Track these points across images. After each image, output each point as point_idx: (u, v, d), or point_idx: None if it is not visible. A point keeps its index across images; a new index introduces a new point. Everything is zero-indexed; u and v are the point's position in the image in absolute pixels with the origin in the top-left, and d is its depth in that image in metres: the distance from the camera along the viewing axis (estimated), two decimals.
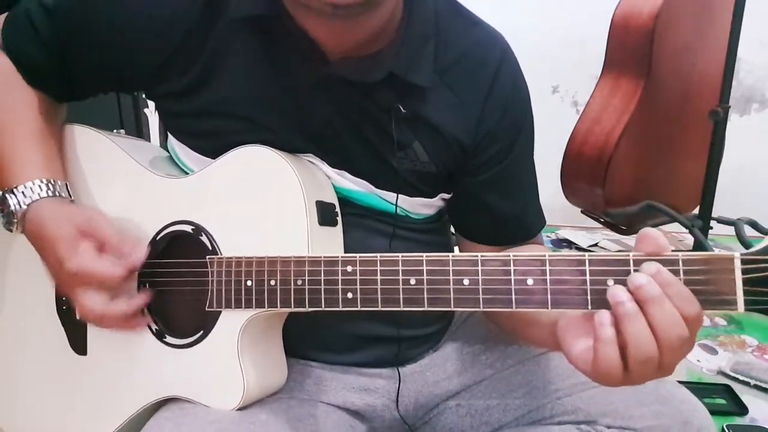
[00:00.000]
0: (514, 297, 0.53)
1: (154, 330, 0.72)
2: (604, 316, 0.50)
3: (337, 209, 0.71)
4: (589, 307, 0.52)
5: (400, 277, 0.57)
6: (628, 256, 0.50)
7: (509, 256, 0.53)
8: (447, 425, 0.80)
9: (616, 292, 0.49)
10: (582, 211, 2.02)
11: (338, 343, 0.78)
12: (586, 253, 0.52)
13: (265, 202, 0.67)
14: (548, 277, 0.52)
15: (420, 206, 0.76)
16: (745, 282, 0.48)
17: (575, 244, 2.33)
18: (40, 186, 0.69)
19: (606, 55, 1.89)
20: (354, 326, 0.76)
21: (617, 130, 1.78)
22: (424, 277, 0.56)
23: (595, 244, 2.28)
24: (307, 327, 0.72)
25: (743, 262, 0.48)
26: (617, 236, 2.20)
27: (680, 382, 1.26)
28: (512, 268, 0.53)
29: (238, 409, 0.67)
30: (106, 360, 0.75)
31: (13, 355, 0.82)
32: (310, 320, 0.66)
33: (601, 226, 2.03)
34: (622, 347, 0.50)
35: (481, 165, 0.74)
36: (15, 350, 0.82)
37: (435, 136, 0.71)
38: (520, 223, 0.79)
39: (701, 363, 1.52)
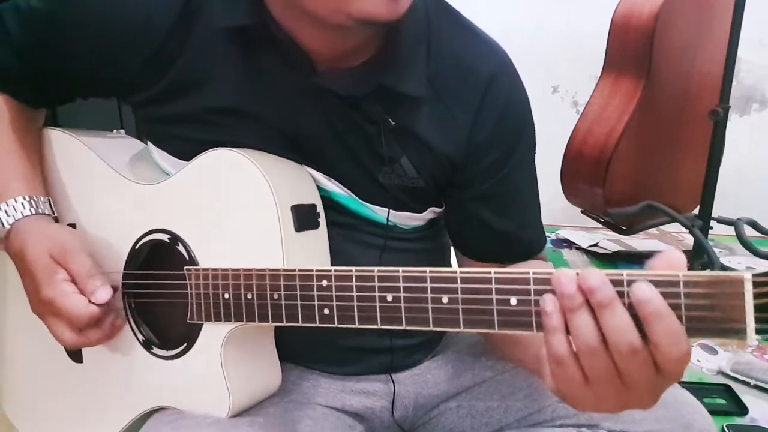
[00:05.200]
0: (496, 318, 0.49)
1: (141, 341, 0.71)
2: (548, 302, 0.46)
3: (319, 209, 0.68)
4: None
5: (377, 294, 0.54)
6: (622, 275, 0.45)
7: (490, 272, 0.49)
8: (447, 426, 0.80)
9: (560, 281, 0.45)
10: (582, 211, 2.02)
11: (332, 355, 0.77)
12: (576, 271, 0.46)
13: (238, 210, 0.64)
14: (533, 297, 0.47)
15: (408, 219, 0.74)
16: (756, 308, 0.41)
17: (575, 244, 2.33)
18: (23, 204, 0.69)
19: (606, 55, 1.89)
20: (347, 339, 0.75)
21: (617, 130, 1.78)
22: (401, 294, 0.53)
23: (595, 244, 2.28)
24: (300, 339, 0.71)
25: (755, 285, 0.41)
26: (617, 236, 2.20)
27: (680, 382, 1.26)
28: (494, 286, 0.49)
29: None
30: (100, 369, 0.74)
31: (24, 362, 0.83)
32: (302, 333, 0.63)
33: (601, 226, 2.03)
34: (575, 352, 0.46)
35: (474, 178, 0.71)
36: (25, 358, 0.82)
37: (423, 150, 0.69)
38: (518, 240, 0.75)
39: (701, 363, 1.52)
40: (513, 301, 0.48)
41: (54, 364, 0.78)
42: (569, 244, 2.35)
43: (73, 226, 0.75)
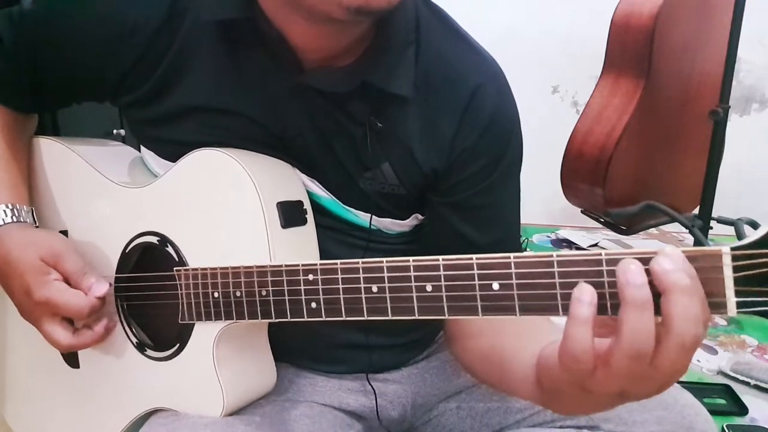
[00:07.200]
0: (479, 303, 0.49)
1: (134, 343, 0.71)
2: (585, 291, 0.42)
3: (306, 206, 0.68)
4: (560, 312, 0.47)
5: (362, 285, 0.54)
6: (600, 255, 0.44)
7: (472, 258, 0.50)
8: (447, 427, 0.80)
9: (630, 269, 0.41)
10: (582, 211, 2.02)
11: (321, 352, 0.77)
12: (554, 253, 0.47)
13: (224, 209, 0.64)
14: (514, 281, 0.48)
15: (392, 225, 0.73)
16: (736, 281, 0.41)
17: (575, 244, 2.33)
18: (4, 211, 0.69)
19: (606, 55, 1.89)
20: (334, 336, 0.75)
21: (617, 130, 1.78)
22: (386, 284, 0.53)
23: (595, 244, 2.29)
24: (290, 337, 0.71)
25: (734, 258, 0.41)
26: (617, 236, 2.20)
27: (680, 382, 1.26)
28: (476, 272, 0.49)
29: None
30: (97, 373, 0.75)
31: (23, 368, 0.83)
32: (291, 330, 0.63)
33: (601, 226, 2.03)
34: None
35: (457, 186, 0.70)
36: (24, 364, 0.82)
37: (406, 156, 0.68)
38: None
39: (701, 363, 1.52)
40: (495, 285, 0.49)
41: (52, 370, 0.78)
42: (569, 244, 2.36)
43: (65, 233, 0.75)
